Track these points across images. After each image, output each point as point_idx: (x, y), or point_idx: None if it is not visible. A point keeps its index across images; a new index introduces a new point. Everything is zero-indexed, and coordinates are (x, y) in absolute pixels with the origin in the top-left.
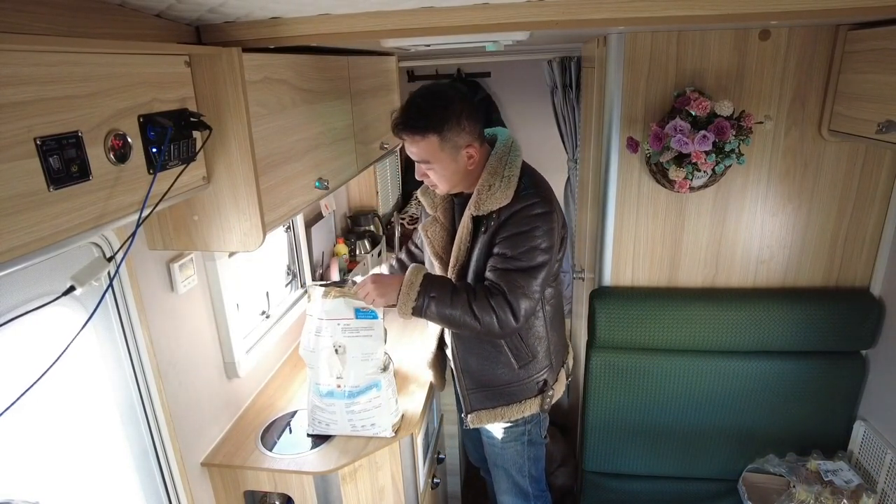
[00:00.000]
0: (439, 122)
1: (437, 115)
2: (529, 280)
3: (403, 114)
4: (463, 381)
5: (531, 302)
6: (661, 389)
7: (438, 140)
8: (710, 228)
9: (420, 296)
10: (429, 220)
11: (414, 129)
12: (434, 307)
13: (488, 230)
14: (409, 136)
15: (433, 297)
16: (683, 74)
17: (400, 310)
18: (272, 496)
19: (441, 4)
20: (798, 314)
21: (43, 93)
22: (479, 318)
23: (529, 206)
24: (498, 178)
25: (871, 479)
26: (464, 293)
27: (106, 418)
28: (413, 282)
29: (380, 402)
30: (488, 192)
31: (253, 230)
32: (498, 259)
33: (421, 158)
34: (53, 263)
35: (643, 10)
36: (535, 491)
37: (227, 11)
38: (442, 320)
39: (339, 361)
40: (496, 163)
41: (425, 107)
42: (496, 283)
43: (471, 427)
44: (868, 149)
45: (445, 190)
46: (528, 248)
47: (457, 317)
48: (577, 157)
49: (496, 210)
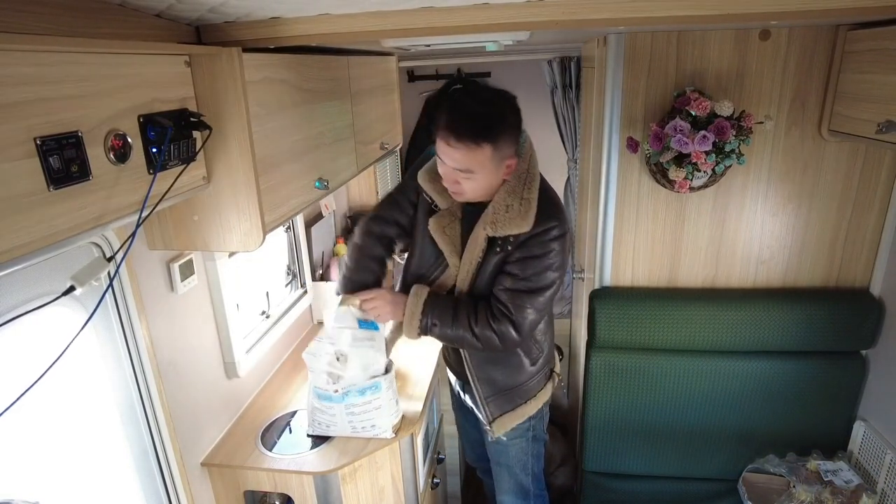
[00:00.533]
0: (497, 132)
1: (496, 125)
2: (537, 299)
3: (458, 118)
4: (481, 390)
5: (539, 316)
6: (661, 389)
7: (491, 151)
8: (710, 228)
9: (423, 320)
10: (442, 213)
11: (469, 138)
12: (437, 331)
13: (503, 251)
14: (462, 144)
15: (434, 323)
16: (683, 74)
17: (405, 332)
18: (272, 496)
19: (441, 4)
20: (798, 314)
21: (43, 93)
22: (480, 338)
23: (548, 230)
24: (517, 198)
25: (871, 480)
26: (465, 317)
27: (106, 418)
28: (414, 310)
29: (380, 403)
30: (505, 213)
31: (253, 230)
32: (508, 279)
33: (464, 167)
34: (53, 263)
35: (643, 10)
36: (536, 489)
37: (228, 11)
38: (446, 341)
39: (340, 368)
40: (515, 181)
41: (482, 114)
42: (503, 303)
43: (496, 436)
44: (868, 149)
45: (471, 199)
46: (541, 269)
47: (459, 337)
48: (576, 157)
49: (514, 234)
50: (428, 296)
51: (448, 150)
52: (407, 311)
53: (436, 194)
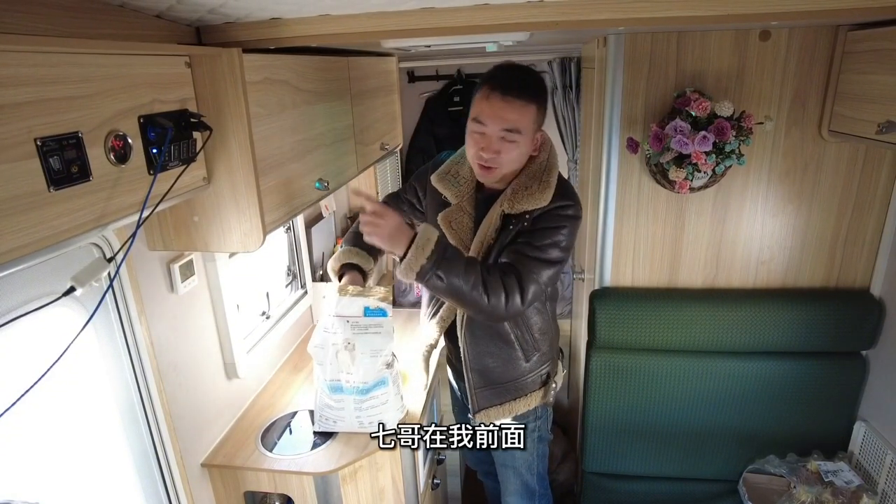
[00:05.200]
0: (541, 96)
1: (540, 89)
2: (543, 270)
3: (511, 78)
4: (472, 379)
5: (539, 290)
6: (662, 390)
7: (536, 111)
8: (710, 229)
9: (433, 256)
10: (453, 209)
11: (523, 94)
12: (444, 273)
13: (517, 228)
14: (516, 100)
15: (447, 259)
16: (683, 75)
17: (405, 266)
18: (272, 497)
19: (441, 5)
20: (798, 315)
21: (43, 93)
22: (489, 296)
23: (564, 206)
24: (536, 181)
25: (872, 480)
26: (478, 266)
27: (106, 419)
28: (429, 238)
29: (387, 398)
30: (525, 191)
31: (253, 231)
32: (519, 245)
33: (515, 127)
34: (54, 264)
35: (643, 10)
36: (541, 489)
37: (228, 12)
38: (446, 290)
39: (349, 358)
40: (537, 168)
41: (529, 78)
42: (512, 264)
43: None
44: (868, 149)
45: (505, 172)
46: (551, 242)
47: (465, 290)
48: (577, 157)
49: (530, 210)
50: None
51: (500, 107)
52: (418, 240)
53: (447, 190)
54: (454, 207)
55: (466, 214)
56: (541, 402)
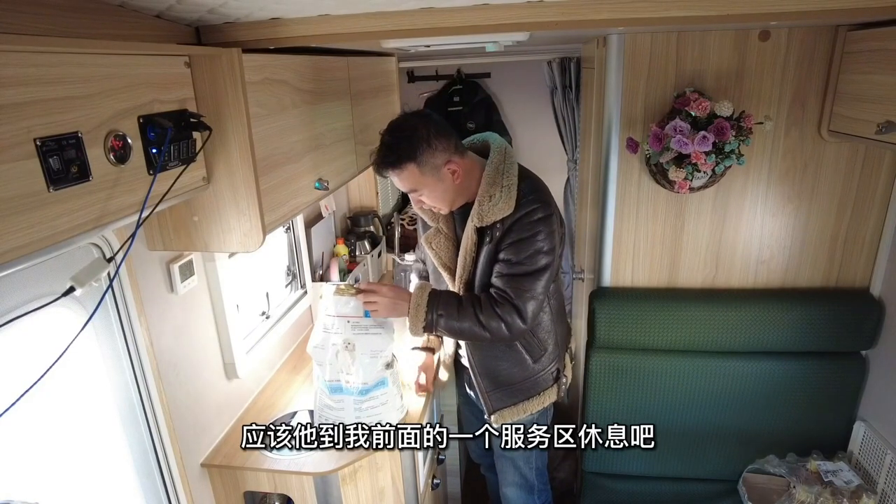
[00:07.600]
0: (410, 151)
1: (406, 146)
2: (535, 282)
3: (378, 155)
4: (482, 383)
5: (538, 302)
6: (661, 390)
7: (416, 167)
8: (709, 229)
9: (428, 314)
10: (431, 231)
11: (390, 165)
12: (443, 323)
13: (493, 240)
14: (390, 172)
15: (441, 314)
16: (683, 75)
17: (410, 329)
18: (272, 497)
19: (441, 5)
20: (798, 314)
21: (43, 93)
22: (487, 328)
23: (531, 211)
24: (497, 188)
25: (872, 480)
26: (469, 306)
27: (106, 419)
28: (419, 303)
29: (387, 398)
30: (489, 202)
31: (253, 231)
32: (503, 265)
33: (409, 188)
34: (53, 264)
35: (643, 10)
36: (540, 484)
37: (227, 12)
38: (452, 334)
39: (349, 358)
40: (493, 173)
41: (393, 142)
42: (502, 289)
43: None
44: (868, 149)
45: (447, 209)
46: (532, 252)
47: (465, 329)
48: (576, 157)
49: (499, 220)
50: (431, 290)
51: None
52: (412, 305)
53: (426, 215)
54: (433, 230)
55: (443, 235)
56: (556, 398)
